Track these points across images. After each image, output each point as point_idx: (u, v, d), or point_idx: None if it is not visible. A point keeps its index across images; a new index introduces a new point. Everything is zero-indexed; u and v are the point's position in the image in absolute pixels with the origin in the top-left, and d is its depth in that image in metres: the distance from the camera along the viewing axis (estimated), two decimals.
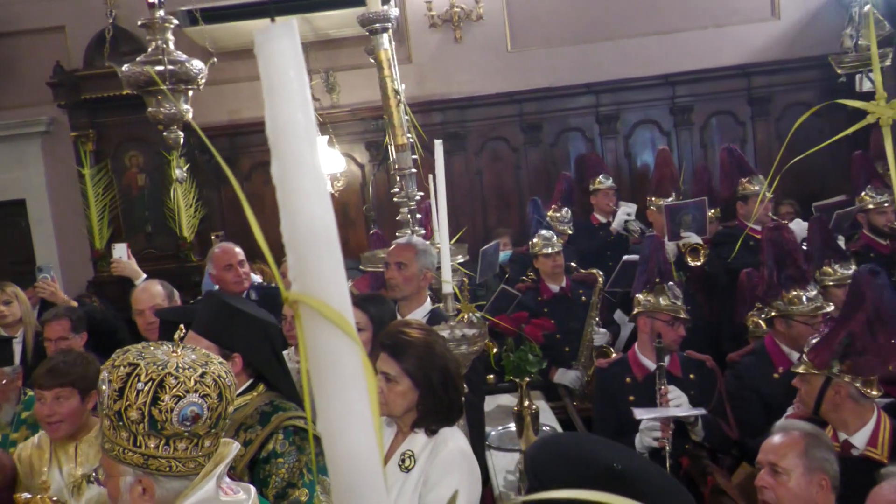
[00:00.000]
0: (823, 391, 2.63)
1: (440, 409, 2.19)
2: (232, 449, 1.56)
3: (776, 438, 2.27)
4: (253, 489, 1.58)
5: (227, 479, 1.57)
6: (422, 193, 3.74)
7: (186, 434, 1.46)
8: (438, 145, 2.60)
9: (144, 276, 4.22)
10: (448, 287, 2.61)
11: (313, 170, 0.48)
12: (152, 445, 1.45)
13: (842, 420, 2.64)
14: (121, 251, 4.31)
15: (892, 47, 4.95)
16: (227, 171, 0.66)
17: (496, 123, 6.58)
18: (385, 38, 3.49)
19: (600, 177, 5.83)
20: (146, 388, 1.43)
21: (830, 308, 3.35)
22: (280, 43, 0.49)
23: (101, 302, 4.69)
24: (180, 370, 1.47)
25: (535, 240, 4.79)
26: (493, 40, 6.45)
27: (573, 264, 4.93)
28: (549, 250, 4.69)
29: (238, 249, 4.20)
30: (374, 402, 0.48)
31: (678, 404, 3.23)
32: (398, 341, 2.22)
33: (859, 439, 2.56)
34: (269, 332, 2.33)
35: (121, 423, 1.45)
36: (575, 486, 1.15)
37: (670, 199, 5.04)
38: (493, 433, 3.78)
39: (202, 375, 1.48)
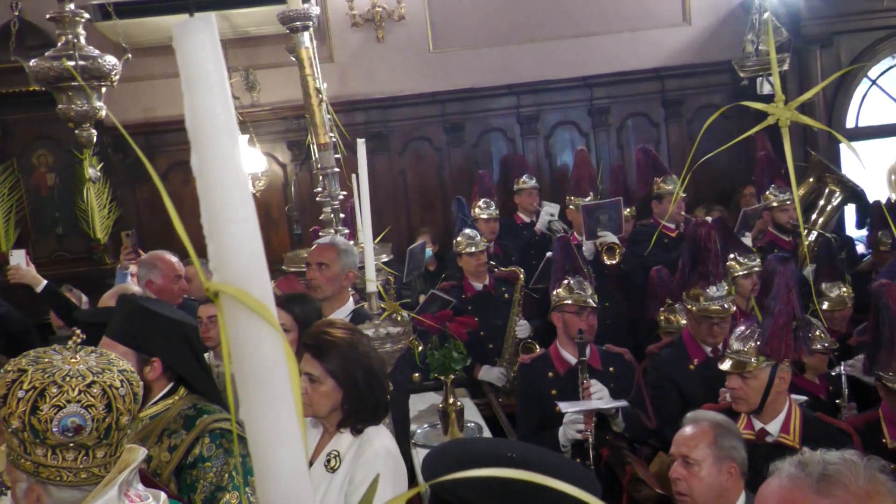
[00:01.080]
0: (771, 382, 2.71)
1: (365, 409, 2.20)
2: (138, 455, 1.53)
3: (687, 430, 2.35)
4: (163, 495, 1.55)
5: (139, 486, 1.53)
6: (345, 193, 3.73)
7: (72, 445, 1.42)
8: (361, 144, 2.60)
9: (45, 282, 4.05)
10: (372, 286, 2.62)
11: (233, 161, 0.49)
12: (40, 454, 1.42)
13: (771, 408, 2.74)
14: (19, 258, 4.12)
15: (790, 53, 5.22)
16: (149, 166, 0.66)
17: (419, 123, 6.60)
18: (306, 37, 3.47)
19: (524, 177, 5.92)
20: (26, 395, 1.40)
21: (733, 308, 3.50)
22: (199, 36, 0.49)
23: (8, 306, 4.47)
24: (67, 379, 1.42)
25: (458, 238, 4.84)
26: (415, 40, 6.47)
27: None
28: (473, 249, 4.74)
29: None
30: (296, 392, 0.49)
31: (600, 397, 3.32)
32: (321, 342, 2.22)
33: (774, 427, 2.69)
34: (187, 334, 2.28)
35: (10, 430, 1.41)
36: (469, 480, 1.17)
37: (589, 198, 5.17)
38: (418, 431, 3.80)
39: (90, 385, 1.44)
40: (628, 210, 5.44)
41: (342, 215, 3.80)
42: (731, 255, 3.95)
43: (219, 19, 6.10)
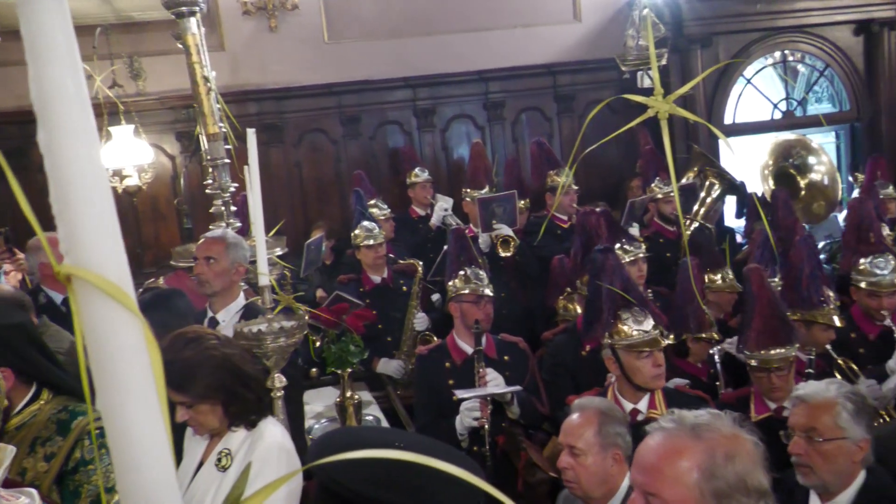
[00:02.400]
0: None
1: (249, 407, 2.16)
2: (6, 454, 1.44)
3: (573, 418, 2.42)
4: (35, 492, 1.47)
5: (2, 490, 1.45)
6: (236, 185, 3.62)
7: None
8: (251, 134, 2.53)
9: None
10: (265, 279, 2.56)
11: (85, 136, 0.46)
12: None
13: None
14: None
15: (668, 48, 5.46)
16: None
17: (315, 115, 6.50)
18: (193, 23, 3.34)
19: (416, 170, 5.92)
20: None
21: None
22: (45, 2, 0.46)
23: None
24: None
25: (356, 231, 4.80)
26: (309, 31, 6.36)
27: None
28: (372, 242, 4.71)
29: None
30: (158, 376, 0.47)
31: (496, 384, 3.38)
32: (172, 373, 2.13)
33: (642, 405, 2.82)
34: (29, 334, 2.15)
35: None
36: (357, 470, 1.17)
37: (484, 190, 5.24)
38: (315, 426, 3.75)
39: None
40: (522, 203, 5.54)
41: (234, 208, 3.69)
42: (618, 245, 4.08)
43: (100, 3, 5.81)
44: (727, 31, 6.76)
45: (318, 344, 3.76)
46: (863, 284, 3.54)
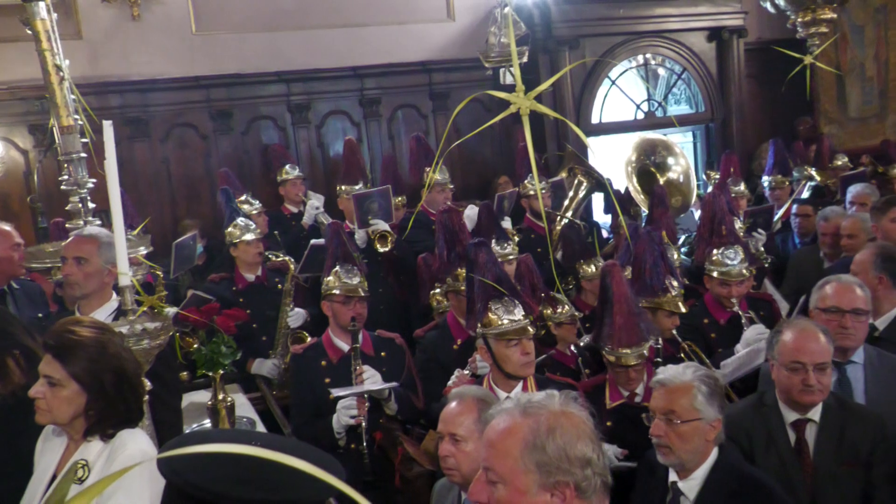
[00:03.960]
0: None
1: (115, 413, 2.05)
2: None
3: (452, 407, 2.45)
4: None
5: None
6: (94, 181, 3.43)
7: None
8: (108, 127, 2.41)
9: None
10: (126, 279, 2.44)
11: None
12: None
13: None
14: None
15: (528, 46, 5.64)
16: None
17: (182, 109, 6.24)
18: (42, 7, 3.13)
19: (286, 167, 5.81)
20: None
21: None
22: None
23: None
24: None
25: (230, 229, 4.65)
26: (175, 21, 6.10)
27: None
28: (250, 237, 4.59)
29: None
30: None
31: (373, 382, 3.38)
32: (65, 342, 2.03)
33: (515, 393, 2.91)
34: None
35: None
36: (213, 473, 1.14)
37: (359, 186, 5.22)
38: (186, 431, 3.61)
39: None
40: (399, 199, 5.56)
41: (93, 205, 3.50)
42: (494, 241, 4.17)
43: None
44: (593, 34, 7.06)
45: (195, 346, 3.64)
46: (714, 274, 3.79)
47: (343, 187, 5.35)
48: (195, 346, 3.54)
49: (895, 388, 2.92)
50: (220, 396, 3.45)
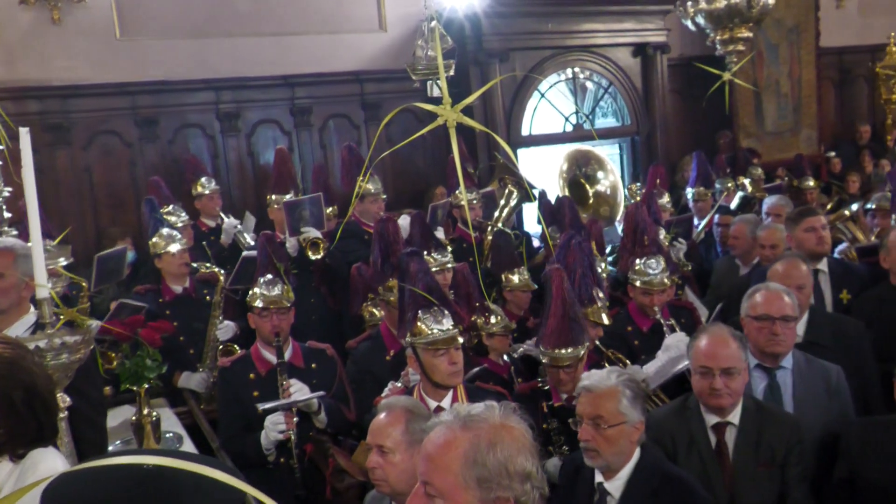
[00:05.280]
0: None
1: (26, 432, 1.97)
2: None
3: (381, 418, 2.45)
4: None
5: None
6: (10, 189, 3.31)
7: None
8: (24, 134, 2.34)
9: None
10: (44, 291, 2.36)
11: None
12: None
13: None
14: None
15: (455, 59, 5.72)
16: None
17: (106, 116, 6.07)
18: None
19: (202, 180, 5.63)
20: None
21: None
22: None
23: None
24: None
25: (155, 239, 4.54)
26: (98, 25, 5.93)
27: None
28: (175, 248, 4.48)
29: None
30: None
31: (301, 395, 3.34)
32: None
33: (446, 402, 2.94)
34: None
35: None
36: (102, 499, 1.06)
37: (289, 196, 5.16)
38: (110, 448, 3.50)
39: None
40: (331, 209, 5.53)
41: (8, 214, 3.36)
42: (426, 252, 4.19)
43: None
44: (523, 48, 7.19)
45: (115, 362, 3.53)
46: (637, 283, 3.90)
47: (273, 197, 5.28)
48: (115, 361, 3.45)
49: (822, 391, 3.05)
50: (145, 411, 3.37)
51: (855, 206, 6.10)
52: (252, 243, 5.08)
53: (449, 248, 4.63)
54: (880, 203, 5.31)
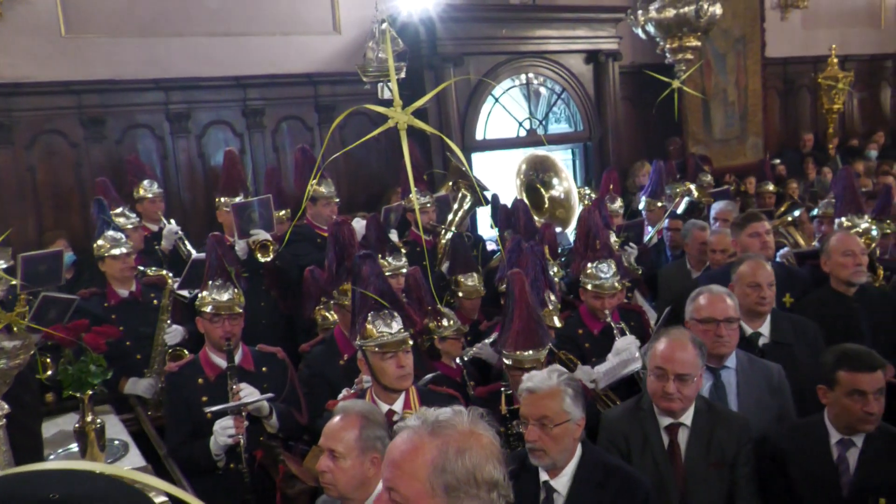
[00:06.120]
0: None
1: None
2: None
3: (335, 422, 2.44)
4: None
5: None
6: None
7: None
8: None
9: None
10: None
11: None
12: None
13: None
14: None
15: (406, 62, 5.72)
16: None
17: (50, 115, 5.90)
18: None
19: (144, 183, 5.49)
20: None
21: None
22: None
23: None
24: None
25: (100, 242, 4.43)
26: (43, 22, 5.77)
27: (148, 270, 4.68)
28: (118, 251, 4.38)
29: None
30: None
31: (251, 399, 3.30)
32: None
33: (398, 406, 2.93)
34: None
35: None
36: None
37: (239, 198, 5.08)
38: (52, 456, 3.40)
39: None
40: (283, 212, 5.47)
41: None
42: (380, 256, 4.17)
43: None
44: (478, 52, 7.23)
45: (49, 372, 3.43)
46: (589, 286, 3.95)
47: (222, 199, 5.19)
48: (50, 368, 3.35)
49: (764, 390, 3.13)
50: (89, 418, 3.28)
51: (797, 212, 6.28)
52: (194, 252, 4.97)
53: (403, 252, 4.63)
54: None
